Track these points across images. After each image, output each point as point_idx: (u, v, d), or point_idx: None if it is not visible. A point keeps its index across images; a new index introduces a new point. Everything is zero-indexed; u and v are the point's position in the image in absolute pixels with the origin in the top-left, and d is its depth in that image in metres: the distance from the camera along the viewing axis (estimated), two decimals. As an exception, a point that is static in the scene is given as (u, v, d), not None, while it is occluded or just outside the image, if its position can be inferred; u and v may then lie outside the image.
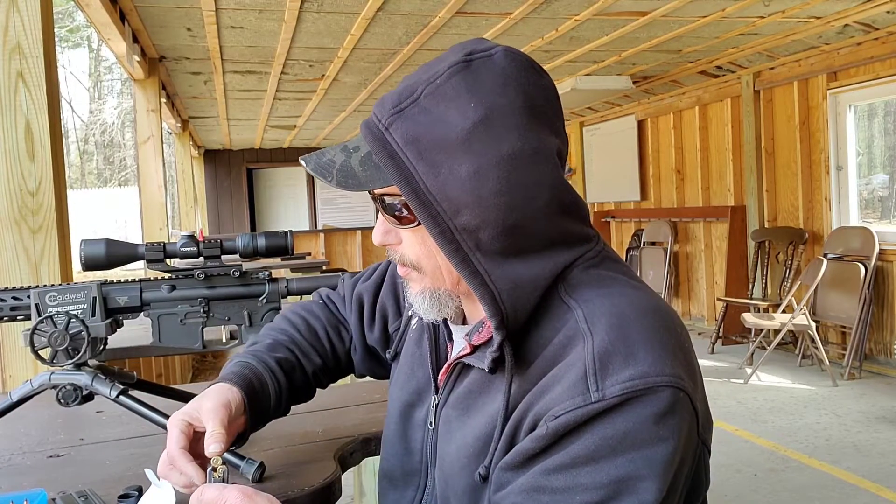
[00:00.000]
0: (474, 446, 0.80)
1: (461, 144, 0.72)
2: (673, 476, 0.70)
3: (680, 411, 0.70)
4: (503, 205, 0.73)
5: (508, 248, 0.75)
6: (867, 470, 3.40)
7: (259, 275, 1.21)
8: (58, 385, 1.13)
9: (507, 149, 0.73)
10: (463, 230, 0.74)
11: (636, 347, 0.71)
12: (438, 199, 0.73)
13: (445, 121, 0.73)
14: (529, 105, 0.75)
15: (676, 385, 0.70)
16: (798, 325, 5.04)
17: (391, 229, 0.82)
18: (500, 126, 0.73)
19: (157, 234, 4.84)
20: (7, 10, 1.83)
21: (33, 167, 1.85)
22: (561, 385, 0.71)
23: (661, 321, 0.75)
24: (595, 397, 0.69)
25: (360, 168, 0.78)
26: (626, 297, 0.76)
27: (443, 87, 0.74)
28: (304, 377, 1.06)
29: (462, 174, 0.72)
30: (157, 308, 1.17)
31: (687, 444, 0.72)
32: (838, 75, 5.43)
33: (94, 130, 22.95)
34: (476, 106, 0.73)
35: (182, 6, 3.79)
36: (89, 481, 1.08)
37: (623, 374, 0.69)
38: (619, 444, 0.68)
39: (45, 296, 1.11)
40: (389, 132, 0.75)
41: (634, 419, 0.68)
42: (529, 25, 4.45)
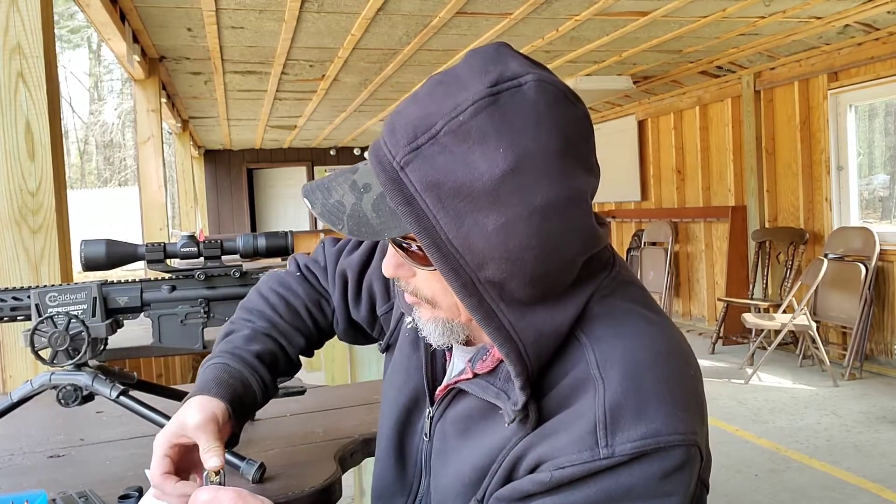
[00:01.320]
0: (471, 476, 0.78)
1: (487, 195, 0.65)
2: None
3: (689, 467, 0.69)
4: (532, 258, 0.67)
5: (534, 296, 0.70)
6: (868, 470, 3.39)
7: (259, 275, 1.21)
8: (58, 385, 1.13)
9: (538, 200, 0.66)
10: (487, 283, 0.69)
11: (649, 402, 0.68)
12: (461, 252, 0.67)
13: (469, 166, 0.65)
14: (564, 146, 0.67)
15: (690, 442, 0.68)
16: (799, 325, 5.04)
17: (404, 263, 0.76)
18: (532, 174, 0.65)
19: (157, 235, 4.84)
20: (7, 11, 1.83)
21: (33, 167, 1.85)
22: (568, 434, 0.69)
23: (675, 368, 0.72)
24: (604, 454, 0.66)
25: (374, 213, 0.71)
26: (640, 339, 0.72)
27: (466, 125, 0.65)
28: (287, 361, 1.02)
29: (488, 227, 0.66)
30: (158, 308, 1.17)
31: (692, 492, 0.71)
32: (839, 75, 5.42)
33: (94, 130, 22.96)
34: (505, 152, 0.65)
35: (182, 6, 3.79)
36: (89, 482, 1.08)
37: (634, 431, 0.67)
38: (621, 498, 0.67)
39: (45, 296, 1.11)
40: (405, 172, 0.67)
41: (640, 475, 0.67)
42: (530, 25, 4.45)
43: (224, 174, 11.13)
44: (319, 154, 11.38)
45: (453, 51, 5.03)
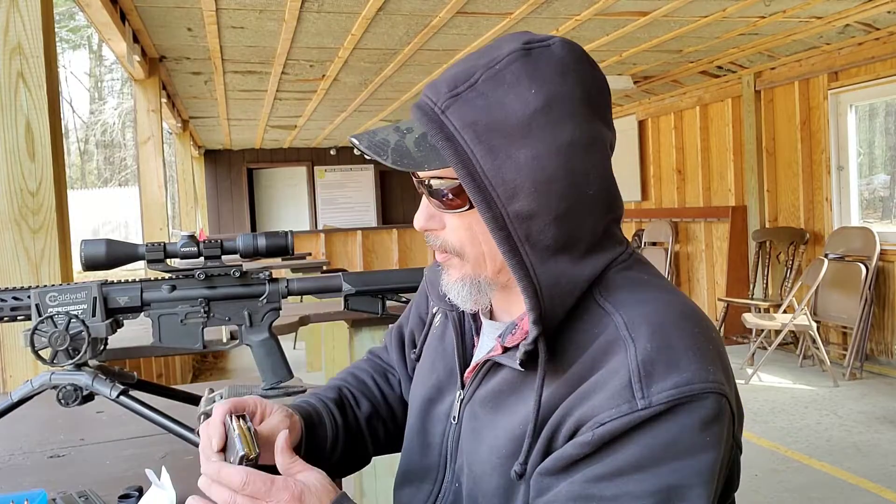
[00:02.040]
0: (507, 447, 0.79)
1: (521, 130, 0.73)
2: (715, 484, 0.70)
3: (723, 417, 0.71)
4: (557, 191, 0.73)
5: (556, 241, 0.75)
6: (868, 470, 3.39)
7: (259, 275, 1.21)
8: (58, 385, 1.13)
9: (565, 137, 0.74)
10: (515, 217, 0.74)
11: (679, 355, 0.71)
12: (494, 184, 0.73)
13: (504, 106, 0.73)
14: (586, 95, 0.76)
15: (719, 391, 0.70)
16: (799, 325, 5.04)
17: (435, 214, 0.82)
18: (560, 114, 0.74)
19: (157, 235, 4.84)
20: (8, 11, 1.83)
21: (34, 167, 1.85)
22: (604, 392, 0.71)
23: (698, 327, 0.75)
24: (642, 405, 0.68)
25: (416, 149, 0.78)
26: (662, 303, 0.76)
27: (502, 72, 0.74)
28: (356, 421, 1.05)
29: (520, 159, 0.73)
30: (158, 308, 1.17)
31: (727, 449, 0.73)
32: (839, 75, 5.42)
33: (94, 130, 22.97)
34: (537, 93, 0.73)
35: (182, 6, 3.79)
36: (90, 481, 1.08)
37: (668, 381, 0.69)
38: (665, 453, 0.68)
39: (45, 296, 1.11)
40: (446, 115, 0.75)
41: (681, 427, 0.68)
42: (530, 25, 4.45)
43: (224, 174, 11.13)
44: (319, 154, 11.39)
45: (453, 51, 5.03)
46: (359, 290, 1.25)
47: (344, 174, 11.51)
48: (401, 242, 10.78)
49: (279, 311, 1.22)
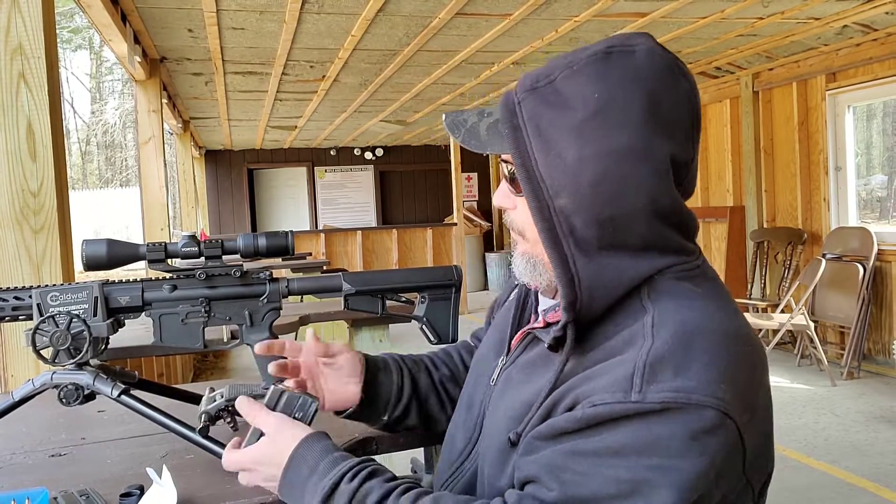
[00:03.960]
0: (517, 411, 0.83)
1: (574, 129, 0.75)
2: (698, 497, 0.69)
3: (721, 436, 0.69)
4: (597, 195, 0.75)
5: (601, 240, 0.76)
6: (866, 469, 3.40)
7: (260, 274, 1.22)
8: (59, 384, 1.14)
9: (614, 143, 0.75)
10: (560, 212, 0.76)
11: (693, 362, 0.70)
12: (544, 177, 0.77)
13: (567, 105, 0.76)
14: (651, 107, 0.76)
15: (723, 410, 0.69)
16: (797, 325, 5.05)
17: (509, 195, 0.87)
18: (615, 120, 0.75)
19: (158, 235, 4.84)
20: (9, 11, 1.84)
21: (35, 167, 1.86)
22: (607, 377, 0.72)
23: (733, 347, 0.73)
24: (634, 398, 0.69)
25: (486, 133, 0.84)
26: (704, 314, 0.75)
27: (577, 72, 0.77)
28: (430, 380, 1.16)
29: (568, 158, 0.75)
30: (159, 308, 1.18)
31: (724, 472, 0.70)
32: (837, 76, 5.43)
33: (95, 131, 22.96)
34: (599, 96, 0.75)
35: (183, 7, 3.80)
36: (91, 480, 1.09)
37: (669, 384, 0.69)
38: (647, 448, 0.68)
39: (46, 296, 1.12)
40: (521, 106, 0.79)
41: (670, 429, 0.68)
42: (529, 27, 4.46)
43: (225, 174, 11.13)
44: (320, 154, 11.39)
45: (453, 51, 5.04)
46: (359, 289, 1.25)
47: (344, 174, 11.52)
48: (400, 243, 10.78)
49: (280, 310, 1.23)
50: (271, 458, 0.88)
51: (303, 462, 0.86)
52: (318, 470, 0.84)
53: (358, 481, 0.82)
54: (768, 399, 0.77)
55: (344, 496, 0.81)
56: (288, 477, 0.87)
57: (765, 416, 0.76)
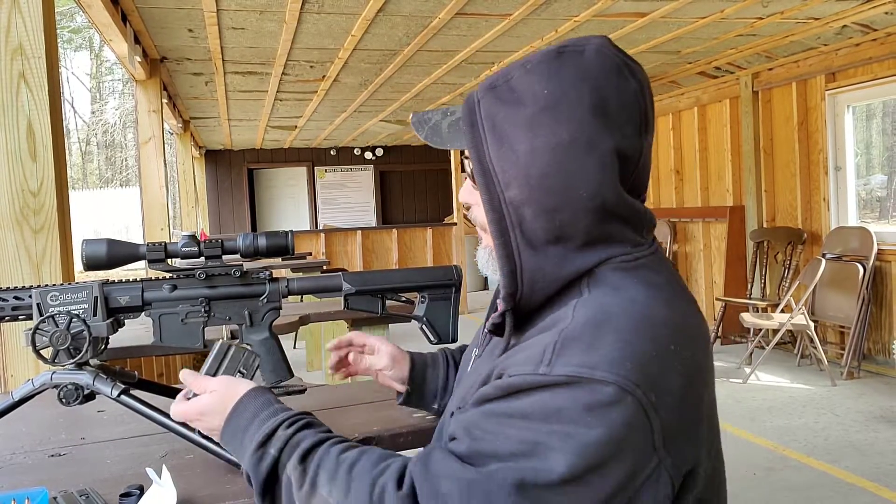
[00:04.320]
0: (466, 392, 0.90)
1: (525, 124, 0.80)
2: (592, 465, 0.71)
3: (621, 410, 0.72)
4: (546, 186, 0.79)
5: (548, 232, 0.80)
6: (866, 469, 3.41)
7: (260, 274, 1.22)
8: (59, 384, 1.14)
9: (562, 136, 0.79)
10: (510, 203, 0.80)
11: (601, 341, 0.74)
12: (496, 170, 0.81)
13: (521, 101, 0.81)
14: (598, 102, 0.79)
15: (626, 388, 0.72)
16: (797, 324, 5.05)
17: (472, 191, 0.91)
18: (563, 115, 0.79)
19: (158, 235, 4.84)
20: (9, 11, 1.84)
21: (35, 167, 1.86)
22: (527, 352, 0.78)
23: (648, 329, 0.76)
24: (542, 371, 0.75)
25: (447, 130, 0.90)
26: (626, 299, 0.78)
27: (530, 71, 0.82)
28: None
29: (519, 151, 0.80)
30: (159, 307, 1.18)
31: (625, 446, 0.72)
32: (837, 76, 5.43)
33: (95, 131, 22.96)
34: (548, 93, 0.80)
35: (183, 7, 3.80)
36: (91, 480, 1.09)
37: (574, 359, 0.74)
38: (549, 415, 0.73)
39: (46, 295, 1.12)
40: (479, 104, 0.84)
41: (569, 400, 0.73)
42: (529, 26, 4.46)
43: (225, 174, 11.13)
44: (320, 154, 11.39)
45: (453, 51, 5.04)
46: (359, 289, 1.26)
47: (344, 174, 11.52)
48: (400, 243, 10.78)
49: (279, 310, 1.23)
50: (215, 408, 0.96)
51: (244, 411, 0.94)
52: (259, 418, 0.91)
53: (294, 429, 0.89)
54: (692, 384, 0.78)
55: (279, 441, 0.87)
56: (230, 425, 0.94)
57: (683, 399, 0.76)
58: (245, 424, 0.92)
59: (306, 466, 0.84)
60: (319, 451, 0.85)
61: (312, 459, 0.85)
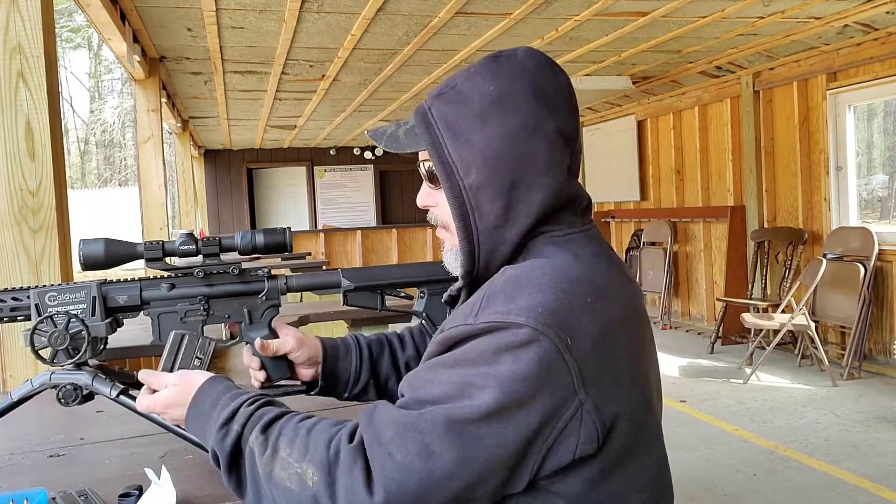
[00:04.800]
0: None
1: (478, 117, 0.90)
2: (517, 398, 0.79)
3: (535, 349, 0.80)
4: (503, 168, 0.89)
5: (503, 212, 0.90)
6: (867, 470, 3.40)
7: (258, 272, 1.21)
8: (58, 385, 1.13)
9: (512, 123, 0.89)
10: (470, 188, 0.90)
11: (520, 293, 0.84)
12: (454, 160, 0.91)
13: (469, 99, 0.91)
14: (538, 93, 0.91)
15: (538, 328, 0.80)
16: (797, 325, 5.05)
17: (430, 193, 0.99)
18: (510, 105, 0.90)
19: (157, 234, 4.84)
20: (8, 11, 1.83)
21: (34, 167, 1.85)
22: (461, 311, 0.89)
23: (564, 283, 0.85)
24: (469, 321, 0.85)
25: (405, 137, 0.98)
26: (549, 265, 0.88)
27: (474, 74, 0.93)
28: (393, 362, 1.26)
29: (475, 140, 0.90)
30: (157, 306, 1.17)
31: (545, 383, 0.80)
32: (838, 76, 5.43)
33: (94, 130, 22.96)
34: (494, 89, 0.90)
35: (182, 6, 3.79)
36: (89, 480, 1.09)
37: (495, 309, 0.83)
38: (473, 359, 0.82)
39: (44, 296, 1.11)
40: (431, 110, 0.94)
41: (490, 343, 0.82)
42: (529, 26, 4.46)
43: (224, 174, 11.12)
44: (319, 154, 11.39)
45: (453, 51, 5.03)
46: (358, 285, 1.25)
47: (343, 174, 11.51)
48: (400, 242, 10.78)
49: (278, 307, 1.22)
50: (177, 400, 1.01)
51: (206, 397, 0.99)
52: (221, 401, 0.97)
53: (255, 406, 0.94)
54: (612, 338, 0.85)
55: (242, 417, 0.92)
56: (193, 410, 0.99)
57: (604, 350, 0.84)
58: (208, 409, 0.97)
59: (268, 435, 0.90)
60: (280, 421, 0.91)
61: (274, 428, 0.90)
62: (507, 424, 0.79)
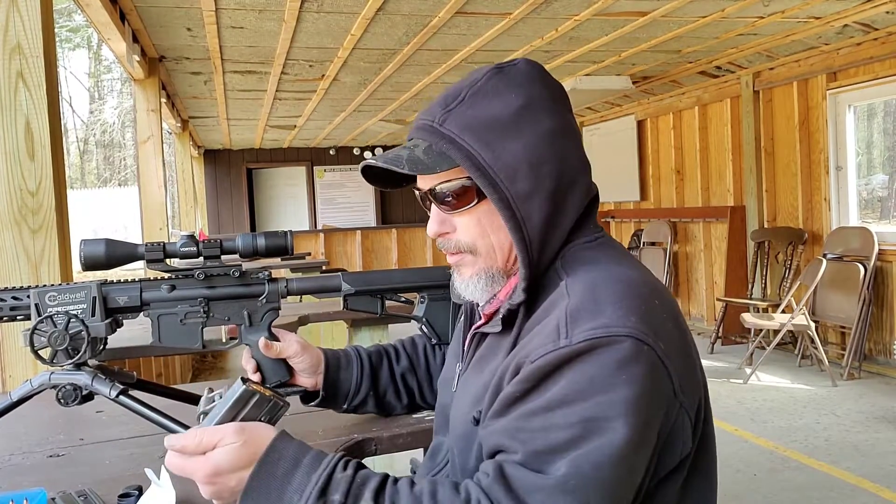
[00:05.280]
0: (475, 395, 0.91)
1: (510, 125, 0.87)
2: (647, 420, 0.77)
3: (642, 362, 0.77)
4: (547, 172, 0.87)
5: (549, 219, 0.87)
6: (866, 470, 3.40)
7: (259, 274, 1.21)
8: (58, 385, 1.13)
9: (547, 126, 0.88)
10: (518, 198, 0.86)
11: (603, 305, 0.80)
12: (496, 170, 0.86)
13: (492, 110, 0.88)
14: (553, 96, 0.92)
15: (638, 337, 0.78)
16: (797, 325, 5.05)
17: (446, 218, 0.94)
18: (539, 109, 0.89)
19: (157, 234, 4.83)
20: (7, 10, 1.83)
21: (33, 167, 1.85)
22: (539, 337, 0.82)
23: (634, 289, 0.83)
24: (563, 343, 0.78)
25: (425, 157, 0.90)
26: (606, 271, 0.86)
27: (483, 87, 0.90)
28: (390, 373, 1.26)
29: (514, 148, 0.86)
30: (157, 308, 1.17)
31: (656, 395, 0.78)
32: (838, 75, 5.43)
33: (94, 130, 22.95)
34: (517, 96, 0.89)
35: (182, 6, 3.79)
36: (89, 481, 1.08)
37: (588, 324, 0.78)
38: (586, 388, 0.76)
39: (44, 296, 1.11)
40: (444, 126, 0.89)
41: (598, 365, 0.77)
42: (529, 25, 4.46)
43: (224, 174, 11.12)
44: (319, 154, 11.38)
45: (453, 51, 5.03)
46: (358, 289, 1.25)
47: (343, 174, 11.51)
48: (400, 242, 10.78)
49: (278, 310, 1.22)
50: (236, 463, 0.82)
51: (281, 459, 0.81)
52: (302, 464, 0.81)
53: (352, 470, 0.81)
54: (681, 332, 0.85)
55: (341, 484, 0.79)
56: (262, 475, 0.81)
57: (680, 345, 0.84)
58: (284, 474, 0.80)
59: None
60: (388, 489, 0.80)
61: (384, 497, 0.79)
62: (640, 447, 0.76)
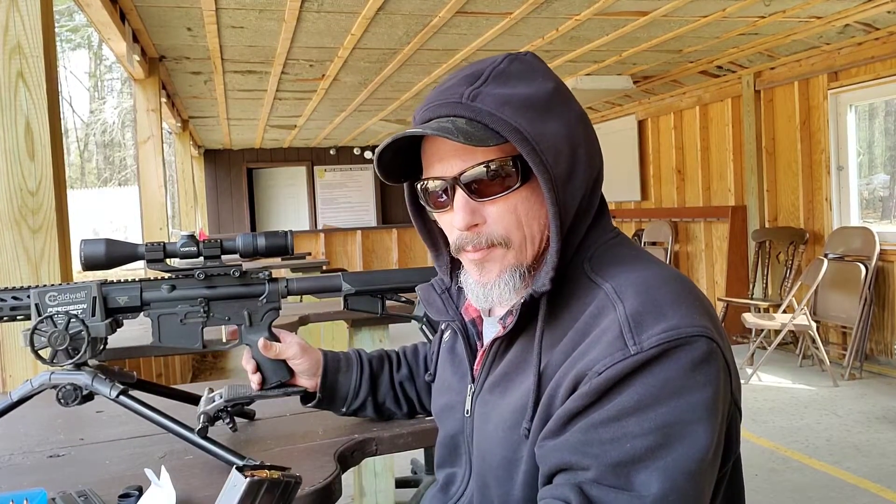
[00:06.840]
0: (511, 419, 0.83)
1: (545, 105, 0.83)
2: (721, 420, 0.74)
3: (714, 360, 0.74)
4: (582, 156, 0.84)
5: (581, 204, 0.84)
6: (868, 470, 3.40)
7: (259, 274, 1.21)
8: (58, 385, 1.13)
9: (576, 111, 0.86)
10: (559, 180, 0.81)
11: (664, 307, 0.76)
12: (543, 149, 0.80)
13: (523, 90, 0.83)
14: (564, 85, 0.89)
15: (707, 335, 0.74)
16: (798, 325, 5.04)
17: (476, 207, 0.85)
18: (566, 94, 0.87)
19: (157, 234, 4.83)
20: (7, 10, 1.82)
21: (33, 167, 1.85)
22: (599, 347, 0.75)
23: (684, 286, 0.80)
24: (634, 350, 0.72)
25: (472, 129, 0.81)
26: (647, 271, 0.82)
27: (506, 69, 0.85)
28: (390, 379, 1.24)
29: (554, 128, 0.82)
30: (157, 308, 1.17)
31: (723, 394, 0.75)
32: (839, 75, 5.42)
33: (94, 130, 22.96)
34: (545, 79, 0.86)
35: (182, 6, 3.79)
36: (89, 481, 1.08)
37: (657, 328, 0.73)
38: (661, 392, 0.71)
39: (44, 295, 1.11)
40: (477, 102, 0.81)
41: (673, 368, 0.72)
42: (530, 25, 4.45)
43: (224, 174, 11.12)
44: (319, 153, 11.39)
45: (453, 50, 5.03)
46: (358, 289, 1.25)
47: (344, 174, 11.51)
48: (400, 242, 10.78)
49: (279, 310, 1.22)
50: None
51: None
52: None
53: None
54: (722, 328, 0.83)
55: None
56: None
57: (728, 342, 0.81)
58: None
59: None
60: None
61: None
62: (718, 450, 0.74)
